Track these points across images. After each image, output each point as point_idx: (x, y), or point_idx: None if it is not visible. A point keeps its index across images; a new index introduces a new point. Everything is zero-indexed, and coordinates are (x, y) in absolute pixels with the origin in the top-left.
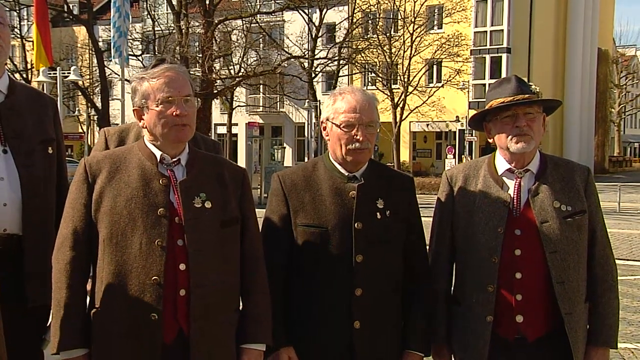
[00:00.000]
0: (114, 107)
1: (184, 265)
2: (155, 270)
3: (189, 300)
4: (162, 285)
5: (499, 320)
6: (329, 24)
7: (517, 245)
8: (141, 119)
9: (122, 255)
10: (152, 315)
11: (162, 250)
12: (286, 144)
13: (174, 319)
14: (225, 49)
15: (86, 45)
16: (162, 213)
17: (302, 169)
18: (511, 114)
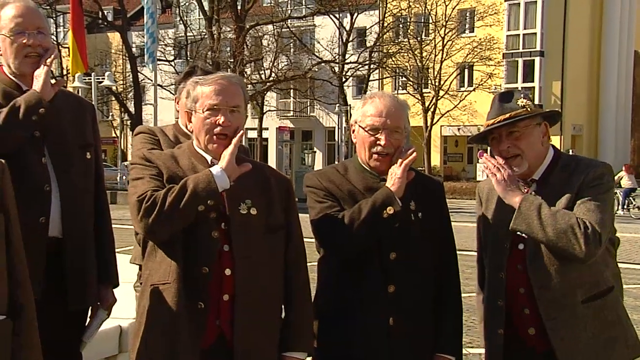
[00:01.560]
0: (147, 112)
1: (230, 271)
2: (205, 262)
3: (232, 306)
4: (209, 276)
5: (511, 333)
6: (360, 28)
7: (518, 260)
8: (190, 121)
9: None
10: (200, 304)
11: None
12: (316, 148)
13: (216, 324)
14: (256, 53)
15: (120, 51)
16: (213, 217)
17: (333, 170)
18: (496, 136)
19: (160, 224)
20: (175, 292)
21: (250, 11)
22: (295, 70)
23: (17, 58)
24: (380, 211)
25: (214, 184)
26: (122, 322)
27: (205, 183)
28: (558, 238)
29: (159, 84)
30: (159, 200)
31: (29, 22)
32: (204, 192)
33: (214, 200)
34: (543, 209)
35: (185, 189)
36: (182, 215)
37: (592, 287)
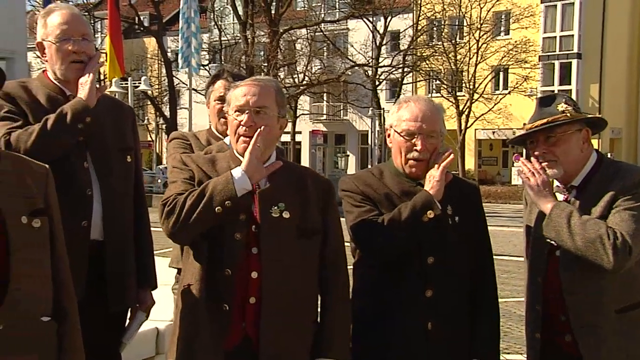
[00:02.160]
0: (182, 116)
1: (256, 274)
2: (228, 263)
3: (259, 309)
4: (232, 278)
5: (548, 338)
6: (394, 31)
7: (556, 266)
8: None
9: (211, 243)
10: (224, 305)
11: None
12: (349, 151)
13: (241, 326)
14: (290, 57)
15: (155, 55)
16: (243, 219)
17: (369, 174)
18: (534, 140)
19: (181, 226)
20: (199, 293)
21: (284, 15)
22: (328, 74)
23: (63, 64)
24: (421, 215)
25: (232, 185)
26: (159, 324)
27: (223, 185)
28: (586, 248)
29: (194, 88)
30: (179, 203)
31: (74, 29)
32: (221, 194)
33: (232, 202)
34: (573, 217)
35: (204, 192)
36: (201, 216)
37: (626, 298)
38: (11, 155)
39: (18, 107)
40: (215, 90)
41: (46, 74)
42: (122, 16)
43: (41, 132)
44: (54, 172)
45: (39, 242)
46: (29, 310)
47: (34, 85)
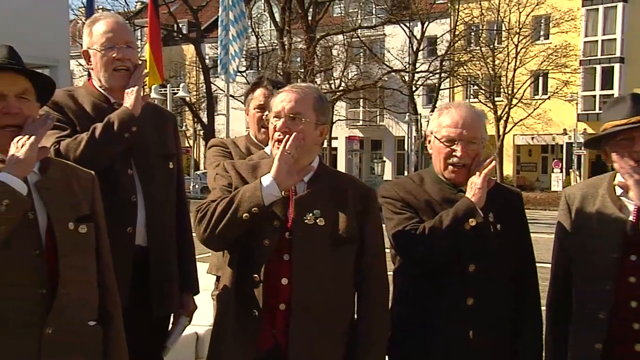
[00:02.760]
0: (219, 122)
1: (286, 280)
2: (256, 269)
3: (288, 315)
4: (259, 283)
5: (611, 349)
6: (431, 36)
7: (631, 272)
8: None
9: (242, 249)
10: (254, 311)
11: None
12: (386, 157)
13: (271, 333)
14: (326, 63)
15: (194, 62)
16: (277, 225)
17: (409, 180)
18: (627, 137)
19: (210, 233)
20: (231, 298)
21: (321, 22)
22: (365, 79)
23: (107, 72)
24: (462, 222)
25: (259, 192)
26: (199, 329)
27: (251, 192)
28: None
29: (231, 95)
30: (210, 210)
31: (118, 37)
32: (248, 200)
33: (259, 209)
34: None
35: (233, 199)
36: (227, 224)
37: None
38: (59, 162)
39: (65, 116)
40: (255, 98)
41: (91, 82)
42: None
43: (90, 141)
44: (99, 179)
45: (85, 248)
46: (76, 315)
47: (79, 94)
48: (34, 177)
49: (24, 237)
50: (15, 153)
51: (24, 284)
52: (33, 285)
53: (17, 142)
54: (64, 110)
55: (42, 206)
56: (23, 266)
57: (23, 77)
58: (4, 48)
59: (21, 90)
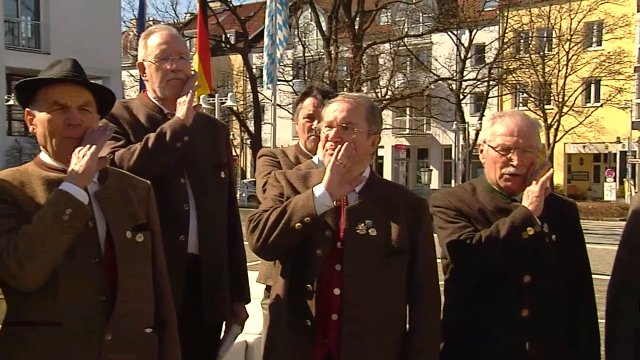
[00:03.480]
0: (265, 131)
1: (338, 290)
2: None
3: (340, 326)
4: (314, 292)
5: None
6: (479, 44)
7: None
8: None
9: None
10: (306, 321)
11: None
12: (433, 166)
13: (324, 342)
14: (373, 72)
15: (241, 72)
16: (328, 235)
17: (461, 190)
18: None
19: (262, 243)
20: (284, 308)
21: (368, 30)
22: (412, 88)
23: (161, 83)
24: (519, 231)
25: (312, 202)
26: (248, 338)
27: (303, 201)
28: None
29: (278, 104)
30: (262, 220)
31: (172, 48)
32: (301, 210)
33: (312, 219)
34: None
35: (286, 209)
36: (282, 233)
37: None
38: (116, 171)
39: (121, 127)
40: (304, 108)
41: (146, 94)
42: (210, 34)
43: (143, 151)
44: (154, 189)
45: (142, 256)
46: (133, 322)
47: (134, 105)
48: (94, 186)
49: (84, 245)
50: (77, 163)
51: (85, 291)
52: (93, 293)
53: (78, 152)
54: (118, 121)
55: (101, 215)
56: (84, 274)
57: (85, 89)
58: (69, 61)
59: (84, 102)
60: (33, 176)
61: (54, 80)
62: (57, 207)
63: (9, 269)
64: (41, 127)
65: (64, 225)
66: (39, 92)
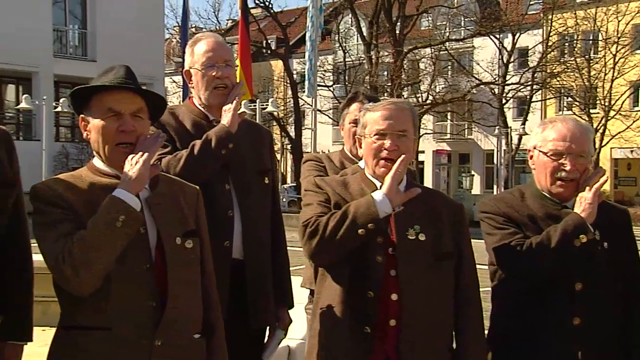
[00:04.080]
0: (306, 136)
1: (396, 296)
2: (370, 286)
3: (398, 332)
4: (375, 299)
5: None
6: (522, 48)
7: None
8: (361, 147)
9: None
10: (366, 328)
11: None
12: (474, 171)
13: (382, 349)
14: (414, 77)
15: (282, 77)
16: (381, 241)
17: (509, 195)
18: None
19: (323, 248)
20: (341, 316)
21: (409, 35)
22: (453, 92)
23: (207, 90)
24: (572, 239)
25: (374, 208)
26: (291, 342)
27: (365, 207)
28: None
29: (318, 109)
30: (321, 225)
31: (218, 56)
32: (363, 216)
33: (375, 225)
34: None
35: (347, 214)
36: (343, 239)
37: None
38: (167, 177)
39: (167, 133)
40: (350, 113)
41: (192, 100)
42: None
43: (188, 158)
44: None
45: (191, 262)
46: (183, 327)
47: (181, 112)
48: (145, 193)
49: (135, 251)
50: (130, 170)
51: (136, 297)
52: (144, 299)
53: (131, 159)
54: (165, 128)
55: (152, 221)
56: (135, 280)
57: (138, 96)
58: (122, 68)
59: (136, 109)
60: (86, 181)
61: (107, 87)
62: (110, 213)
63: (64, 274)
64: (95, 133)
65: (116, 232)
66: (93, 99)
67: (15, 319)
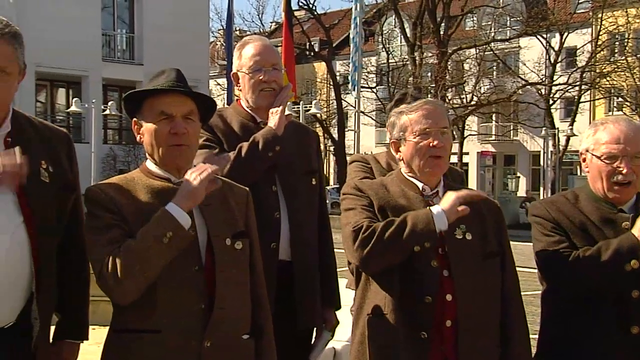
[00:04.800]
0: (349, 138)
1: (450, 296)
2: (428, 291)
3: (455, 332)
4: (433, 305)
5: None
6: (570, 47)
7: None
8: (398, 151)
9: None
10: (422, 333)
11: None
12: (520, 173)
13: (440, 350)
14: (458, 78)
15: (325, 79)
16: (428, 245)
17: (562, 199)
18: None
19: (375, 257)
20: (394, 323)
21: (453, 35)
22: (498, 93)
23: (254, 93)
24: (623, 262)
25: (433, 225)
26: (337, 344)
27: (424, 224)
28: None
29: (361, 111)
30: (376, 232)
31: (265, 59)
32: (422, 232)
33: (431, 242)
34: None
35: (404, 226)
36: (397, 250)
37: None
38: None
39: (215, 136)
40: None
41: (239, 103)
42: (294, 42)
43: (236, 160)
44: None
45: (240, 264)
46: (231, 328)
47: (228, 114)
48: None
49: (185, 253)
50: (187, 186)
51: (185, 299)
52: (193, 301)
53: (190, 174)
54: (213, 130)
55: (202, 222)
56: (183, 283)
57: (189, 98)
58: (173, 71)
59: (187, 111)
60: (139, 184)
61: (159, 90)
62: (159, 229)
63: (107, 282)
64: (148, 136)
65: (163, 247)
66: (145, 103)
67: (72, 319)
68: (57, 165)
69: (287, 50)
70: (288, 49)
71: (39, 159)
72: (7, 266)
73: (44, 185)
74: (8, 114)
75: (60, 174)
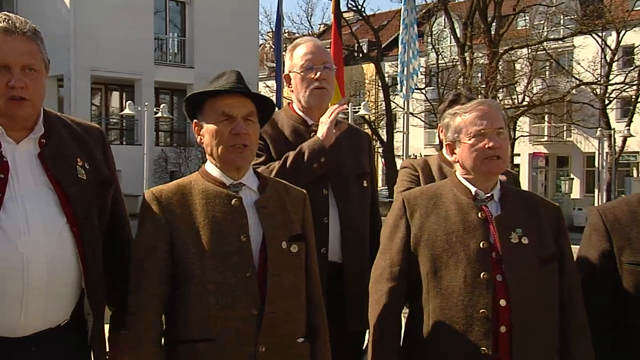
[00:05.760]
0: (397, 140)
1: (505, 301)
2: (482, 303)
3: (510, 338)
4: (490, 319)
5: None
6: (627, 46)
7: None
8: (453, 153)
9: (447, 288)
10: (482, 349)
11: (488, 283)
12: (573, 175)
13: (495, 357)
14: (509, 78)
15: (373, 81)
16: (485, 246)
17: (626, 203)
18: None
19: None
20: (447, 334)
21: (504, 35)
22: (551, 93)
23: (306, 92)
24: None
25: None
26: None
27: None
28: None
29: (410, 112)
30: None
31: (317, 58)
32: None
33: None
34: None
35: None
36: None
37: None
38: (274, 181)
39: (263, 141)
40: None
41: (291, 105)
42: (343, 44)
43: (280, 170)
44: None
45: (294, 267)
46: (286, 332)
47: (280, 117)
48: (253, 195)
49: (238, 260)
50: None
51: (237, 306)
52: (245, 307)
53: None
54: (262, 136)
55: (258, 225)
56: (236, 289)
57: (249, 100)
58: (233, 73)
59: (248, 112)
60: (194, 188)
61: (220, 92)
62: None
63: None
64: (208, 137)
65: None
66: (206, 104)
67: (124, 310)
68: (92, 161)
69: (336, 52)
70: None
71: (74, 156)
72: (57, 266)
73: (82, 182)
74: (40, 116)
75: (96, 169)
